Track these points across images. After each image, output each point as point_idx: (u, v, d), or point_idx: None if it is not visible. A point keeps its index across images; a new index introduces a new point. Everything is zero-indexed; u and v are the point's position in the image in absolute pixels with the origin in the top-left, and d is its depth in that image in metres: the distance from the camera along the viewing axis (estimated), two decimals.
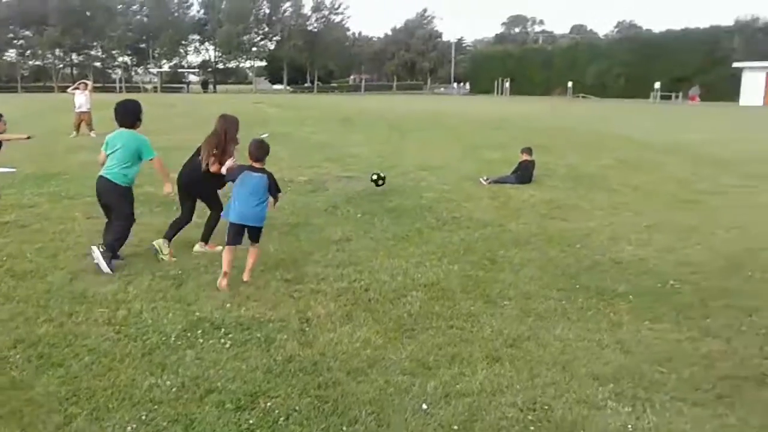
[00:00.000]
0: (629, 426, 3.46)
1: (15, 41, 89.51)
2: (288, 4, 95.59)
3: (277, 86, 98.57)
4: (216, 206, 6.84)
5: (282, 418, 3.53)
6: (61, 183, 10.96)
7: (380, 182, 10.40)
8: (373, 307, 5.24)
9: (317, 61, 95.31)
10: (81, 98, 19.73)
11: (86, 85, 20.87)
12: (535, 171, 11.46)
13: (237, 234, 5.81)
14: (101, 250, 6.10)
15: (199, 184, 6.76)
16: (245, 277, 5.88)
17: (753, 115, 36.61)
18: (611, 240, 7.35)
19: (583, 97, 66.44)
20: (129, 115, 6.46)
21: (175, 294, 5.53)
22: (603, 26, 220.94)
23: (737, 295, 5.50)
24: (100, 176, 6.36)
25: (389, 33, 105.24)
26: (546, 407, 3.65)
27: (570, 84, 69.81)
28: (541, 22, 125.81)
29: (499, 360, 4.24)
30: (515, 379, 3.97)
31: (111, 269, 6.05)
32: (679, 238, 7.43)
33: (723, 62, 58.24)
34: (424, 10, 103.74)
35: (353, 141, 18.24)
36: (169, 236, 6.73)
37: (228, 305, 5.24)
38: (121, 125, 6.44)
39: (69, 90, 20.57)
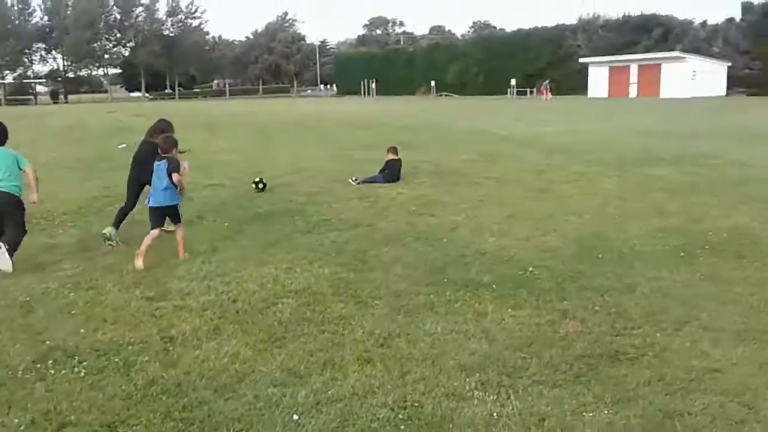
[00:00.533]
0: (494, 414, 3.56)
1: None
2: (140, 9, 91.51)
3: (135, 94, 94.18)
4: None
5: None
6: None
7: (260, 185, 10.61)
8: (242, 319, 5.07)
9: (177, 67, 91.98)
10: None
11: None
12: (403, 169, 11.67)
13: (156, 217, 6.83)
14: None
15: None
16: (181, 256, 6.81)
17: (599, 106, 39.59)
18: (475, 232, 7.61)
19: (445, 95, 68.82)
20: (2, 135, 7.04)
21: (22, 323, 5.08)
22: (460, 27, 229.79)
23: (590, 276, 5.86)
24: None
25: (251, 36, 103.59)
26: (416, 404, 3.68)
27: (433, 83, 72.16)
28: (402, 24, 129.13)
29: (370, 361, 4.24)
30: (386, 379, 3.98)
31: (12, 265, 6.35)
32: (536, 226, 7.82)
33: (570, 58, 62.59)
34: (285, 14, 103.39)
35: (218, 147, 17.71)
36: (116, 224, 7.64)
37: (82, 330, 4.87)
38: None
39: None
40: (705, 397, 3.67)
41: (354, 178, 11.38)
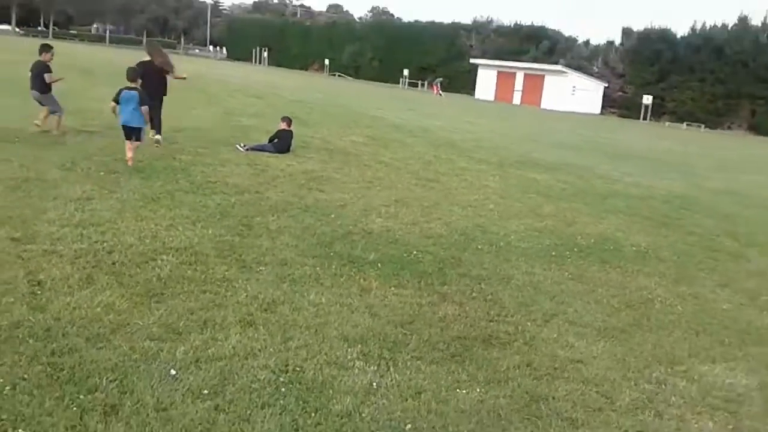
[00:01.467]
0: (374, 384, 3.67)
1: None
2: None
3: (3, 26, 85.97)
4: None
5: (8, 387, 3.12)
6: None
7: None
8: (118, 271, 4.85)
9: (53, 3, 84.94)
10: None
11: None
12: (293, 141, 11.55)
13: (128, 132, 8.63)
14: None
15: None
16: (129, 162, 8.47)
17: (485, 107, 41.15)
18: (363, 212, 7.70)
19: (339, 75, 68.67)
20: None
21: None
22: (357, 9, 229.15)
23: (469, 265, 6.13)
24: None
25: None
26: (298, 369, 3.71)
27: (327, 61, 71.72)
28: None
29: (253, 324, 4.21)
30: (269, 343, 3.98)
31: None
32: (422, 213, 8.04)
33: (461, 57, 64.49)
34: None
35: (95, 95, 16.61)
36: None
37: None
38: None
39: None
40: (568, 384, 3.99)
41: (242, 144, 11.11)
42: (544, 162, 14.74)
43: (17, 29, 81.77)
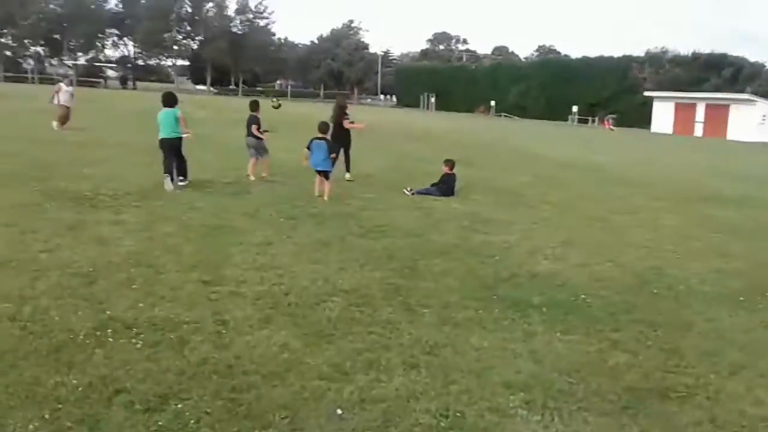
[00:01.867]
0: None
1: None
2: (211, 4, 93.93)
3: (200, 86, 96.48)
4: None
5: (192, 421, 3.42)
6: None
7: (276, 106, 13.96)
8: (293, 312, 5.18)
9: (242, 64, 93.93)
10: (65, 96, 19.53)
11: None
12: (458, 184, 11.68)
13: (319, 175, 10.60)
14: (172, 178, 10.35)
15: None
16: (323, 197, 10.33)
17: (663, 141, 38.77)
18: (528, 253, 7.57)
19: (505, 116, 68.53)
20: (171, 100, 10.86)
21: (85, 292, 5.29)
22: (523, 49, 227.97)
23: (644, 310, 5.76)
24: (162, 138, 10.63)
25: (315, 41, 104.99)
26: (459, 414, 3.70)
27: (493, 103, 71.94)
28: (465, 41, 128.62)
29: (415, 367, 4.27)
30: (430, 386, 4.01)
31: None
32: (591, 254, 7.73)
33: (635, 90, 61.60)
34: (351, 21, 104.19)
35: (279, 146, 18.01)
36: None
37: (141, 305, 5.05)
38: (165, 105, 10.79)
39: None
40: None
41: (409, 189, 11.44)
42: (730, 197, 13.55)
43: (211, 89, 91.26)
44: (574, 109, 61.12)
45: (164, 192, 9.95)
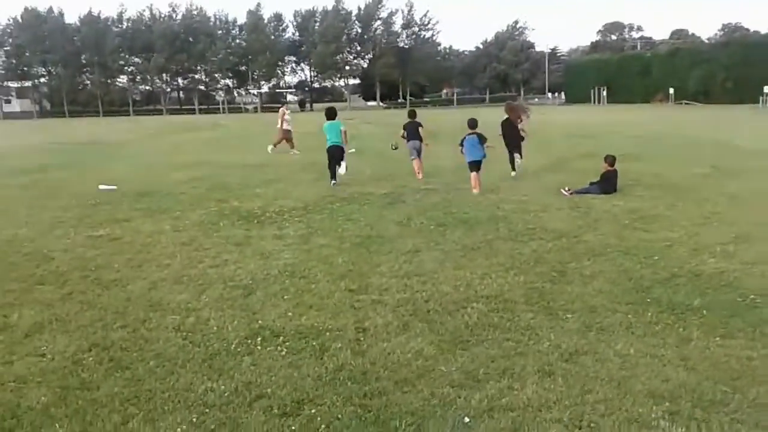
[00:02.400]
0: None
1: (126, 68, 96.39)
2: (379, 22, 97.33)
3: (370, 103, 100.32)
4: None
5: (323, 426, 3.58)
6: (156, 199, 11.61)
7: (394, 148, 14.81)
8: (432, 318, 5.21)
9: (409, 77, 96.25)
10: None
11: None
12: (620, 180, 11.03)
13: (472, 166, 11.61)
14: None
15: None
16: (475, 190, 11.36)
17: None
18: (693, 252, 6.94)
19: (686, 103, 63.43)
20: (333, 114, 13.44)
21: (242, 303, 5.73)
22: (706, 30, 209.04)
23: None
24: (331, 145, 12.96)
25: (480, 46, 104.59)
26: (593, 425, 3.50)
27: (671, 90, 66.92)
28: (639, 28, 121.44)
29: (551, 374, 4.11)
30: (565, 395, 3.83)
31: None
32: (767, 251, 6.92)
33: None
34: (515, 22, 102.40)
35: (438, 154, 18.23)
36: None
37: (290, 314, 5.38)
38: (328, 119, 13.34)
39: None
40: None
41: (567, 189, 11.01)
42: None
43: (381, 103, 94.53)
44: (766, 90, 54.77)
45: (325, 206, 10.48)
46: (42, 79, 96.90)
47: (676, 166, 13.97)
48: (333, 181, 12.76)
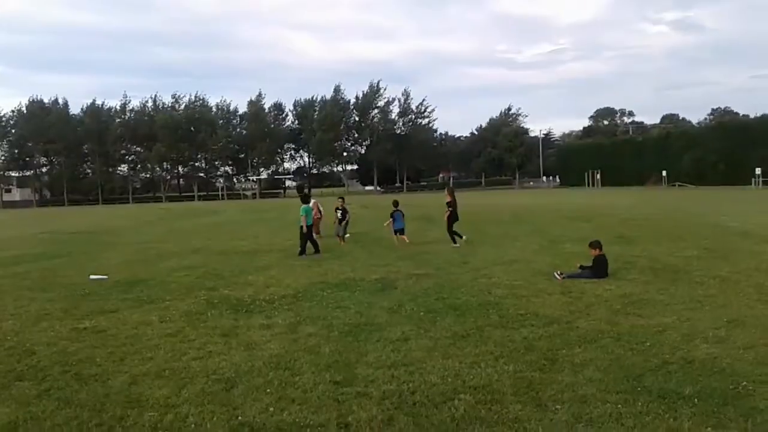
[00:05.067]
0: None
1: (127, 157, 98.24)
2: (376, 111, 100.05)
3: (368, 187, 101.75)
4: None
5: None
6: (146, 288, 11.52)
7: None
8: (417, 411, 5.05)
9: (406, 162, 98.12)
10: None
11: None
12: (611, 263, 11.00)
13: (399, 231, 16.78)
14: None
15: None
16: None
17: None
18: (685, 337, 6.83)
19: (679, 185, 64.30)
20: (307, 198, 17.01)
21: (224, 397, 5.57)
22: (695, 114, 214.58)
23: None
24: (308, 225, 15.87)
25: (475, 132, 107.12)
26: None
27: (664, 173, 68.00)
28: (631, 113, 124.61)
29: None
30: None
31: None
32: (762, 335, 6.79)
33: None
34: (508, 109, 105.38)
35: (430, 238, 18.30)
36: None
37: (272, 409, 5.21)
38: (304, 203, 16.42)
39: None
40: None
41: (559, 273, 10.96)
42: None
43: (378, 188, 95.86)
44: (758, 171, 55.69)
45: (316, 293, 10.39)
46: (43, 169, 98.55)
47: (668, 249, 13.98)
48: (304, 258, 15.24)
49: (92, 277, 13.05)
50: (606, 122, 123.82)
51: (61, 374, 6.41)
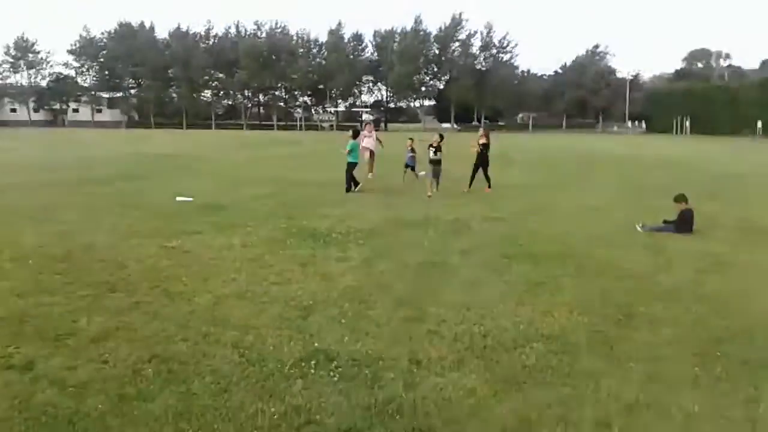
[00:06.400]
0: None
1: (210, 83, 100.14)
2: (457, 44, 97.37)
3: (445, 124, 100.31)
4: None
5: None
6: (227, 213, 11.94)
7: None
8: (488, 355, 5.11)
9: (485, 100, 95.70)
10: (369, 141, 19.92)
11: (371, 126, 21.27)
12: (697, 220, 10.56)
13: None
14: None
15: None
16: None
17: None
18: None
19: None
20: (356, 134, 17.10)
21: (301, 324, 5.79)
22: None
23: None
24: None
25: (559, 71, 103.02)
26: None
27: (759, 123, 63.99)
28: (728, 56, 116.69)
29: (608, 427, 3.94)
30: None
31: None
32: None
33: None
34: (596, 47, 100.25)
35: (506, 181, 18.03)
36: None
37: (346, 339, 5.39)
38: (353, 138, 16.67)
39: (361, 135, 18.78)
40: None
41: (641, 225, 10.64)
42: None
43: (455, 126, 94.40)
44: None
45: (390, 230, 10.50)
46: (131, 91, 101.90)
47: (761, 209, 13.28)
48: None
49: (178, 198, 13.60)
50: (700, 65, 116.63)
51: (150, 289, 6.80)
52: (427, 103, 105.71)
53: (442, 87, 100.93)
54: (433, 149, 15.56)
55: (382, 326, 5.76)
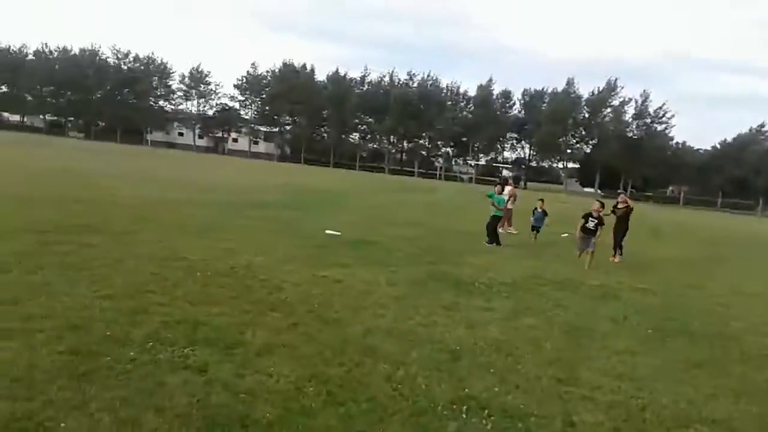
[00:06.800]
0: None
1: (359, 126, 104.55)
2: (609, 110, 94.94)
3: (587, 189, 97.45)
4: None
5: None
6: (373, 250, 12.30)
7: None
8: (648, 429, 4.86)
9: (634, 168, 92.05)
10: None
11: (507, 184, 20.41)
12: None
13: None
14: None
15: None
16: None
17: None
18: None
19: None
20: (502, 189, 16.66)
21: (450, 367, 5.82)
22: None
23: None
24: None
25: (717, 146, 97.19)
26: None
27: None
28: None
29: None
30: None
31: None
32: None
33: None
34: (761, 126, 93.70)
35: (658, 254, 17.17)
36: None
37: (496, 389, 5.34)
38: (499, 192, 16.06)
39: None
40: None
41: None
42: None
43: (599, 191, 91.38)
44: None
45: (534, 286, 10.33)
46: (287, 126, 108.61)
47: None
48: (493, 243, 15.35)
49: (327, 231, 14.21)
50: None
51: (305, 313, 7.13)
52: (570, 165, 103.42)
53: (588, 150, 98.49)
54: (594, 221, 13.41)
55: (532, 382, 5.66)
